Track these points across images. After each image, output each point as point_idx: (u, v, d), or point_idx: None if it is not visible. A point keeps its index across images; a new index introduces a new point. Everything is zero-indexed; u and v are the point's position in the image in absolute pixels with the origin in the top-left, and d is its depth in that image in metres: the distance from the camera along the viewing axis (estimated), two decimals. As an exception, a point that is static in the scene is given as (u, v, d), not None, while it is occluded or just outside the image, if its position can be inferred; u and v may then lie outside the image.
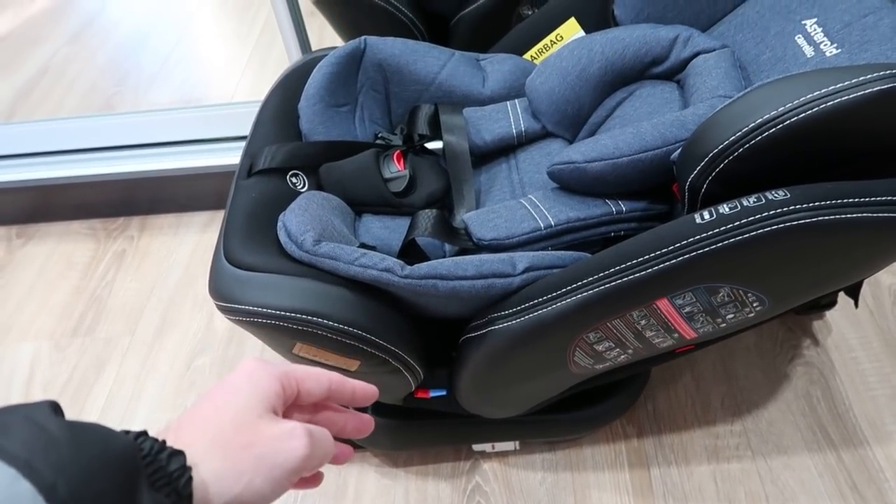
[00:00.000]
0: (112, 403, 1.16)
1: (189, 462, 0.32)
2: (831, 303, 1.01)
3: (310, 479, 0.44)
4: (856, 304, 0.90)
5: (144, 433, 0.32)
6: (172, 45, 2.07)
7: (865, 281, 1.06)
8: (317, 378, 0.41)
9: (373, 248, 0.75)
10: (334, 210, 0.82)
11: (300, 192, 0.85)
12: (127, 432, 0.31)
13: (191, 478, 0.32)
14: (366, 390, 0.45)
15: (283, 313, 0.68)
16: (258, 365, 0.39)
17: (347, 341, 0.69)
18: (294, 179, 0.86)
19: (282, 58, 1.34)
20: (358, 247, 0.73)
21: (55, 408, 0.30)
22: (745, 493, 0.94)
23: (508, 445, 1.00)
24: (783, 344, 1.09)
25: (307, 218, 0.75)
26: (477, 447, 1.01)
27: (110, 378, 1.20)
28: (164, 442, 0.32)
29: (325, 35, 1.62)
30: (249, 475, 0.34)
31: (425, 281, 0.68)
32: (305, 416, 0.42)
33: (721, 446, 0.99)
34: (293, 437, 0.36)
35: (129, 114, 1.53)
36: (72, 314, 1.32)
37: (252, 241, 0.75)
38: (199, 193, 1.49)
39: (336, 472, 1.03)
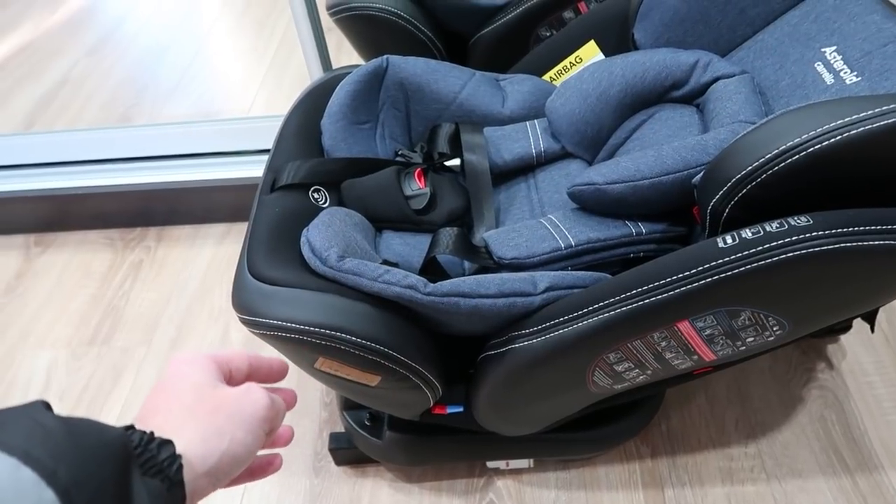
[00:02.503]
0: (128, 413, 1.17)
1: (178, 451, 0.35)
2: (846, 327, 1.01)
3: (277, 440, 0.47)
4: (872, 329, 0.90)
5: (132, 426, 0.34)
6: (190, 59, 2.09)
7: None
8: (239, 356, 0.46)
9: (395, 264, 0.76)
10: (356, 226, 0.83)
11: (322, 208, 0.86)
12: (117, 427, 0.34)
13: (181, 465, 0.34)
14: (282, 366, 0.50)
15: (307, 328, 0.68)
16: (188, 355, 0.43)
17: (370, 357, 0.70)
18: (316, 195, 0.87)
19: (298, 74, 1.36)
20: (381, 263, 0.74)
21: (46, 405, 0.32)
22: (759, 516, 0.94)
23: (523, 463, 1.01)
24: (798, 367, 1.09)
25: (331, 234, 0.76)
26: (491, 464, 1.02)
27: (126, 387, 1.21)
28: (152, 433, 0.34)
29: (341, 51, 1.64)
30: (230, 431, 0.38)
31: (448, 298, 0.69)
32: None
33: (735, 468, 0.99)
34: (251, 391, 0.41)
35: (146, 126, 1.56)
36: (89, 323, 1.33)
37: (276, 255, 0.76)
38: (216, 206, 1.50)
39: (350, 485, 1.03)
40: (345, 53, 1.56)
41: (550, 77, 1.04)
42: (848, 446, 0.99)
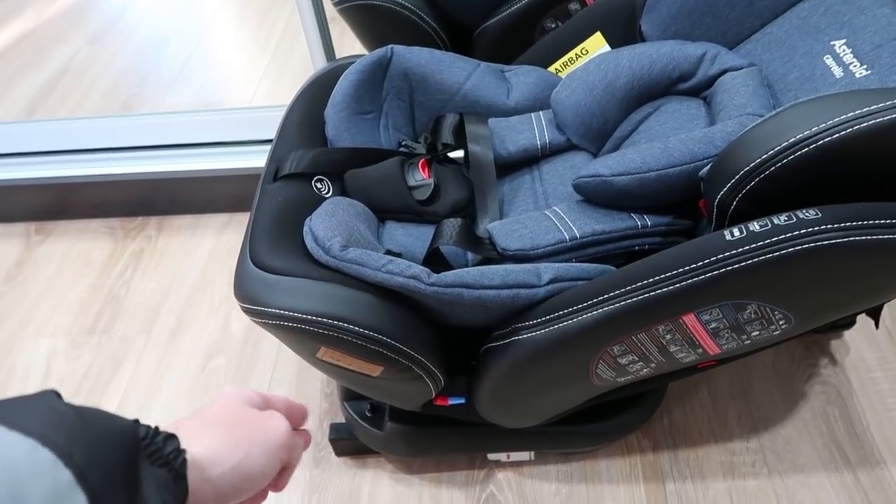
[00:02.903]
0: (127, 402, 1.17)
1: (183, 444, 0.36)
2: (850, 323, 1.01)
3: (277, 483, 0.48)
4: (876, 325, 0.90)
5: (137, 420, 0.35)
6: (192, 48, 2.08)
7: (885, 301, 1.06)
8: (279, 398, 0.48)
9: (398, 255, 0.76)
10: (359, 216, 0.83)
11: (325, 198, 0.85)
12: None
13: (185, 460, 0.35)
14: (303, 410, 0.52)
15: (310, 317, 0.68)
16: (236, 388, 0.46)
17: (373, 347, 0.69)
18: (319, 185, 0.87)
19: (300, 65, 1.35)
20: (384, 253, 0.73)
21: (58, 395, 0.33)
22: (760, 511, 0.94)
23: (523, 455, 1.00)
24: (801, 362, 1.09)
25: (334, 223, 0.75)
26: (492, 456, 1.01)
27: (126, 377, 1.21)
28: (157, 427, 0.36)
29: (344, 42, 1.63)
30: (247, 446, 0.39)
31: (451, 289, 0.68)
32: None
33: (737, 462, 0.99)
34: (274, 417, 0.43)
35: (148, 115, 1.55)
36: (89, 312, 1.33)
37: (278, 244, 0.76)
38: (217, 195, 1.50)
39: (350, 476, 1.03)
40: (348, 45, 1.55)
41: (556, 69, 1.03)
42: (850, 442, 0.99)
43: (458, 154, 0.95)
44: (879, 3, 0.74)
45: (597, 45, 0.99)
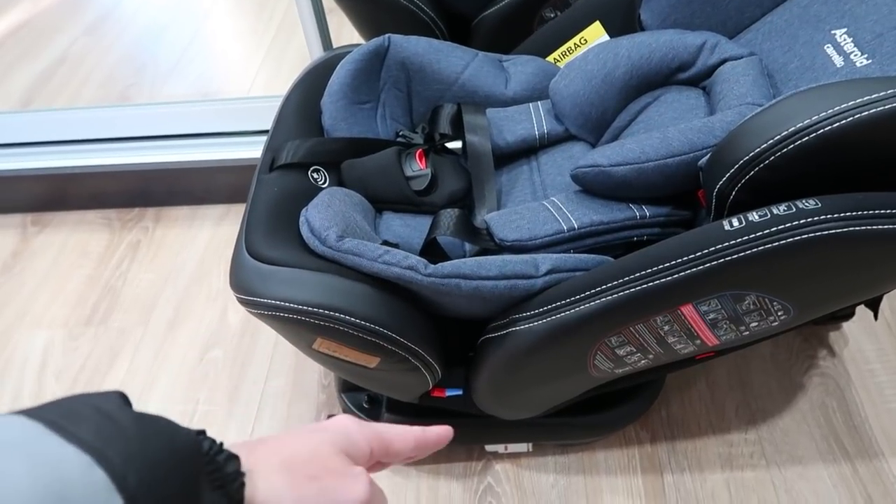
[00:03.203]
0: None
1: (245, 469, 0.33)
2: (849, 314, 1.00)
3: None
4: (875, 317, 0.89)
5: (203, 432, 0.32)
6: (189, 38, 2.07)
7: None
8: (404, 439, 0.41)
9: (395, 245, 0.75)
10: (356, 206, 0.82)
11: (321, 188, 0.85)
12: (188, 429, 0.31)
13: (243, 483, 0.32)
14: (443, 434, 0.44)
15: (305, 308, 0.68)
16: (353, 423, 0.39)
17: (369, 338, 0.69)
18: (315, 175, 0.86)
19: (298, 56, 1.34)
20: (381, 244, 0.73)
21: (124, 398, 0.30)
22: (758, 502, 0.93)
23: (521, 447, 1.00)
24: (799, 354, 1.09)
25: (330, 213, 0.75)
26: (490, 448, 1.01)
27: (123, 368, 1.21)
28: (221, 444, 0.32)
29: (342, 32, 1.62)
30: (306, 502, 0.34)
31: (448, 280, 0.68)
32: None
33: (735, 454, 0.98)
34: (358, 481, 0.37)
35: (146, 105, 1.54)
36: (85, 303, 1.33)
37: (274, 235, 0.75)
38: (215, 186, 1.49)
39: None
40: (346, 34, 1.54)
41: (554, 58, 1.02)
42: (849, 433, 0.99)
43: (455, 144, 0.94)
44: (881, -9, 0.74)
45: (596, 34, 0.98)
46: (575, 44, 1.00)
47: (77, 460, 0.25)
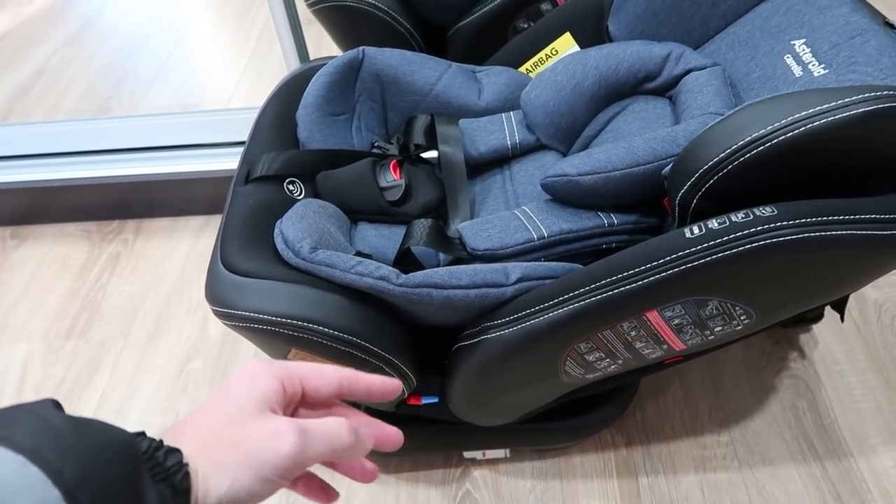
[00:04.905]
0: (104, 406, 1.17)
1: (187, 458, 0.33)
2: (818, 316, 1.02)
3: (324, 491, 0.44)
4: (842, 319, 0.92)
5: (142, 433, 0.33)
6: (170, 49, 2.08)
7: (851, 295, 1.08)
8: (322, 374, 0.40)
9: (368, 256, 0.76)
10: (330, 218, 0.84)
11: (297, 200, 0.86)
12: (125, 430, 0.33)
13: (188, 473, 0.33)
14: (384, 385, 0.43)
15: (279, 319, 0.69)
16: (259, 365, 0.39)
17: (342, 348, 0.70)
18: (291, 187, 0.87)
19: (279, 65, 1.35)
20: (354, 255, 0.74)
21: (56, 404, 0.32)
22: (731, 503, 0.95)
23: (499, 453, 1.01)
24: (770, 356, 1.11)
25: (304, 225, 0.76)
26: (468, 454, 1.02)
27: (103, 381, 1.21)
28: (161, 440, 0.33)
29: (322, 43, 1.63)
30: (234, 473, 0.34)
31: (420, 289, 0.69)
32: (319, 415, 0.41)
33: (708, 456, 1.00)
34: (280, 435, 0.36)
35: (125, 118, 1.54)
36: (65, 316, 1.33)
37: (249, 247, 0.76)
38: (195, 198, 1.50)
39: (328, 475, 1.03)
40: (325, 46, 1.55)
41: (526, 69, 1.04)
42: (818, 434, 1.01)
43: (432, 154, 0.95)
44: (838, 3, 0.76)
45: (566, 45, 1.00)
46: (546, 54, 1.02)
47: (11, 460, 0.26)
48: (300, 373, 0.40)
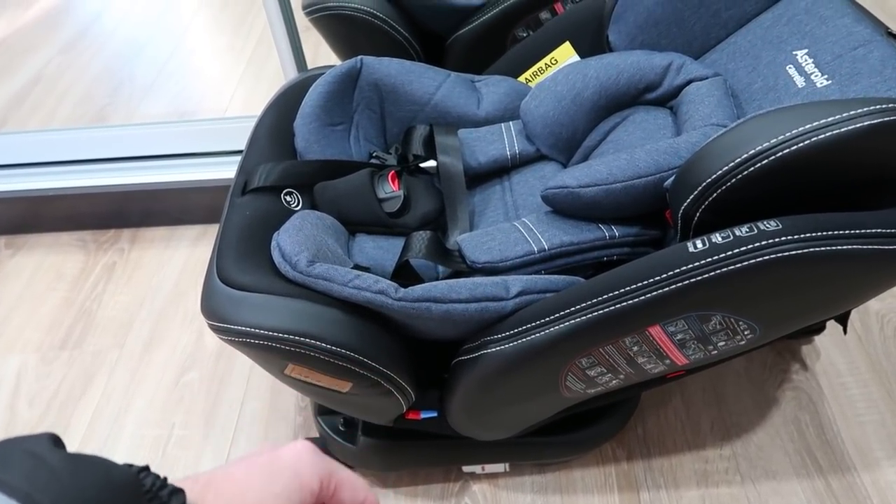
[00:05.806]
0: (99, 418, 1.15)
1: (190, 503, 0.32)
2: (820, 328, 1.01)
3: None
4: (844, 331, 0.91)
5: (147, 468, 0.32)
6: (166, 57, 2.07)
7: (854, 307, 1.07)
8: (354, 487, 0.40)
9: (367, 269, 0.75)
10: (328, 230, 0.82)
11: (294, 211, 0.85)
12: (130, 466, 0.31)
13: None
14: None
15: (276, 334, 0.67)
16: (309, 454, 0.38)
17: (340, 363, 0.69)
18: (288, 198, 0.86)
19: (276, 74, 1.35)
20: (352, 268, 0.73)
21: (55, 440, 0.30)
22: (733, 518, 0.94)
23: (498, 467, 1.00)
24: (772, 369, 1.10)
25: (301, 238, 0.75)
26: (467, 468, 1.01)
27: (98, 392, 1.19)
28: (165, 479, 0.32)
29: (319, 52, 1.63)
30: None
31: (419, 304, 0.68)
32: None
33: (710, 470, 0.99)
34: None
35: (121, 126, 1.53)
36: (60, 327, 1.31)
37: (246, 260, 0.75)
38: (191, 207, 1.48)
39: (324, 491, 1.02)
40: (322, 54, 1.54)
41: (526, 78, 1.04)
42: (821, 448, 1.00)
43: (430, 165, 0.95)
44: (840, 13, 0.75)
45: (566, 54, 0.99)
46: (546, 64, 1.02)
47: None
48: (338, 477, 0.39)
